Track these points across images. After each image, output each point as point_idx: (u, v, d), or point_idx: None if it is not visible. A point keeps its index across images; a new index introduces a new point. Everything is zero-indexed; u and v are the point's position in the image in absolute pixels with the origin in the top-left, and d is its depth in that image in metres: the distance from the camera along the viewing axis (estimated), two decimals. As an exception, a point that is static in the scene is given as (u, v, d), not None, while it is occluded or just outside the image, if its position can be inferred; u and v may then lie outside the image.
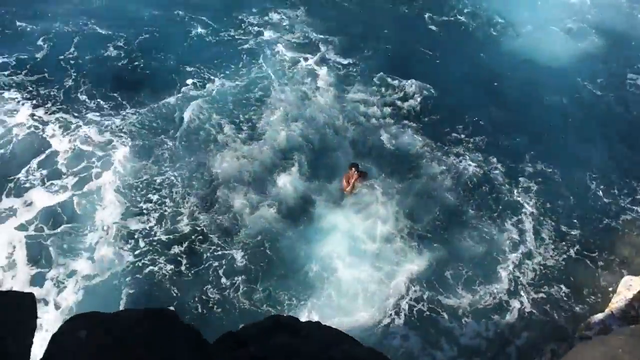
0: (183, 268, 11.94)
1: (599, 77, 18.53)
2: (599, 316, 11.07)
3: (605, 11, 21.53)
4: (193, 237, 12.53)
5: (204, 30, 18.92)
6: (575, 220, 13.62)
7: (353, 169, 13.30)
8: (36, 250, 12.03)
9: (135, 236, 12.51)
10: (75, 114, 15.18)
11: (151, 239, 12.45)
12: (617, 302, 11.40)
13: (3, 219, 12.54)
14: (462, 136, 15.69)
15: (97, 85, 16.14)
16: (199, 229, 12.71)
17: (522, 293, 12.09)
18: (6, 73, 16.10)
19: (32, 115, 14.97)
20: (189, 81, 16.75)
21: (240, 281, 11.77)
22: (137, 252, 12.15)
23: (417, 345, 11.01)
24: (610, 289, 12.24)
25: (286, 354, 6.20)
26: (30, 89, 15.79)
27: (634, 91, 18.20)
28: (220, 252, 12.30)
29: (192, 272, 11.91)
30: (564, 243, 13.11)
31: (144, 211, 13.07)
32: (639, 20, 21.44)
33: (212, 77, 16.95)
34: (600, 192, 14.45)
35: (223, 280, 11.76)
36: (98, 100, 15.75)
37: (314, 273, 12.03)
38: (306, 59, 18.04)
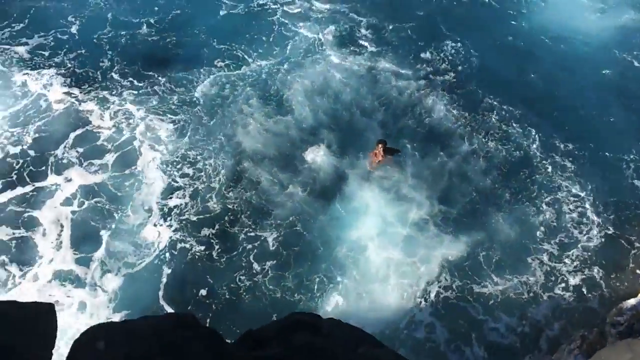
0: (216, 251, 11.93)
1: (636, 50, 17.35)
2: (631, 301, 10.64)
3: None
4: (225, 218, 12.49)
5: (234, 3, 18.54)
6: (610, 203, 13.05)
7: (380, 145, 12.90)
8: (81, 229, 12.19)
9: (172, 216, 12.55)
10: (112, 92, 15.20)
11: (186, 219, 12.49)
12: (652, 286, 10.95)
13: (51, 194, 12.75)
14: (496, 112, 15.07)
15: (132, 63, 16.09)
16: (230, 208, 12.67)
17: (554, 278, 11.72)
18: (45, 53, 16.15)
19: (70, 93, 15.07)
20: (220, 56, 16.54)
21: (271, 265, 11.69)
22: (171, 233, 12.21)
23: (443, 336, 10.77)
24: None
25: (307, 354, 6.09)
26: (69, 65, 15.87)
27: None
28: (252, 234, 12.24)
29: (225, 256, 11.86)
30: (598, 227, 12.59)
31: (182, 190, 13.07)
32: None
33: (242, 52, 16.69)
34: (636, 173, 13.70)
35: (255, 265, 11.69)
36: (133, 77, 15.71)
37: (345, 256, 11.85)
38: (335, 33, 17.52)
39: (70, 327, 10.39)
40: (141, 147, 13.90)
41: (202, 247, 11.94)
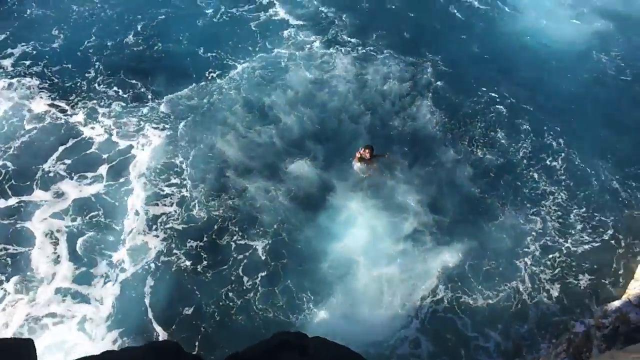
0: (203, 264, 11.66)
1: (613, 53, 17.30)
2: (616, 303, 10.60)
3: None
4: (213, 227, 12.28)
5: (216, 9, 18.42)
6: (592, 208, 13.04)
7: (367, 150, 12.86)
8: (73, 243, 11.92)
9: (161, 226, 12.32)
10: (98, 103, 15.00)
11: (175, 229, 12.26)
12: (635, 288, 10.90)
13: (41, 207, 12.47)
14: (480, 118, 15.05)
15: (117, 73, 15.89)
16: (216, 219, 12.46)
17: (541, 285, 11.63)
18: (27, 62, 15.94)
19: (55, 105, 14.84)
20: (205, 64, 16.41)
21: (259, 281, 11.39)
22: (160, 244, 11.97)
23: (428, 352, 10.52)
24: (627, 275, 11.66)
25: (292, 376, 5.98)
26: (53, 78, 15.65)
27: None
28: (240, 244, 12.00)
29: (212, 269, 11.58)
30: (582, 231, 12.58)
31: (169, 200, 12.86)
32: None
33: (226, 60, 16.57)
34: (618, 177, 13.73)
35: (243, 279, 11.40)
36: (119, 87, 15.51)
37: (334, 269, 11.60)
38: (319, 39, 17.42)
39: (67, 342, 10.20)
40: (129, 157, 13.71)
41: (190, 259, 11.72)
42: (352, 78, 15.99)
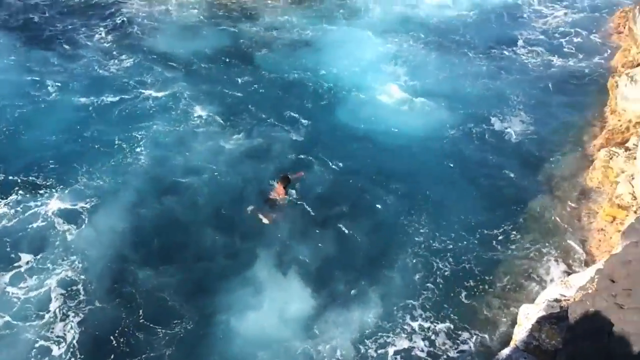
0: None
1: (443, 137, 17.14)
2: (506, 351, 10.78)
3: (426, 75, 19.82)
4: (115, 325, 11.13)
5: (96, 94, 17.73)
6: (464, 260, 12.90)
7: (282, 186, 13.50)
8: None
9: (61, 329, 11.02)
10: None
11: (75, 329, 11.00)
12: (519, 333, 11.17)
13: None
14: (355, 179, 14.88)
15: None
16: (118, 314, 11.37)
17: (433, 347, 11.30)
18: None
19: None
20: (107, 145, 15.57)
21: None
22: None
23: None
24: (509, 322, 11.80)
25: None
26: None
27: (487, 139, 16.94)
28: (145, 340, 10.91)
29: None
30: (455, 284, 12.41)
31: (67, 294, 11.61)
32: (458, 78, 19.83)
33: (117, 140, 15.74)
34: (477, 230, 13.62)
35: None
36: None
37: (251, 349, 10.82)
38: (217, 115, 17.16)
39: None
40: (27, 245, 12.64)
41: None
42: (239, 154, 15.67)
